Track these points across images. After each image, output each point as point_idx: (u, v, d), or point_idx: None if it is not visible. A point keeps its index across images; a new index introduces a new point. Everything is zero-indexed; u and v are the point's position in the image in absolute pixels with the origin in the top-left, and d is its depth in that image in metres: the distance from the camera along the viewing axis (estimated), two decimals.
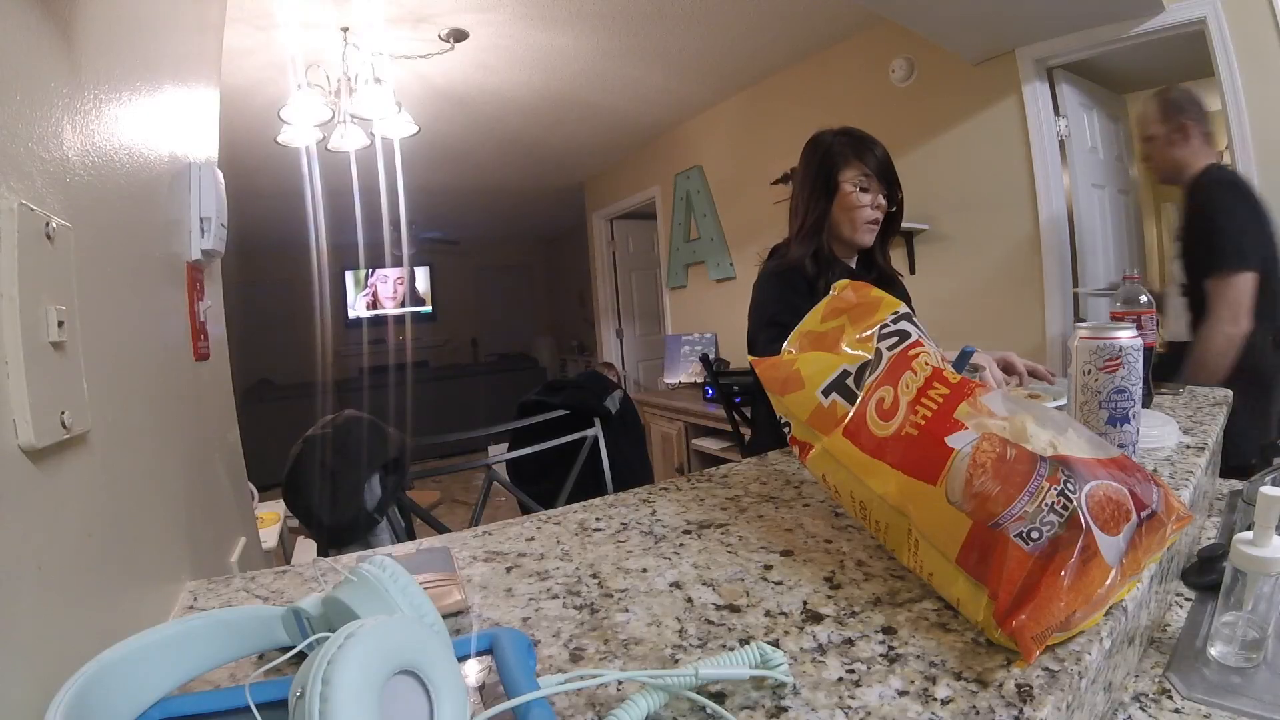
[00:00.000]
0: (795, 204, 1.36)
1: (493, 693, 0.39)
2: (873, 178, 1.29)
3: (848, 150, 1.30)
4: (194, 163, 0.90)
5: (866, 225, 1.30)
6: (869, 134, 1.33)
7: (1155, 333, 1.03)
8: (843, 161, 1.30)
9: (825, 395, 0.57)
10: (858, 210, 1.29)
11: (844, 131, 1.34)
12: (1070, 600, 0.40)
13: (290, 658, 0.42)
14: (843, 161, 1.30)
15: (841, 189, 1.29)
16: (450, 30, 2.63)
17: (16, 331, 0.37)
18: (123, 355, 0.56)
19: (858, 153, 1.30)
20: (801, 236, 1.31)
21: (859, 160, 1.29)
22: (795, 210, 1.36)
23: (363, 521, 1.20)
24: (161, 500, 0.63)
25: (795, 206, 1.36)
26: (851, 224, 1.30)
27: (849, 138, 1.32)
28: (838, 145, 1.31)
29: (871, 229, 1.31)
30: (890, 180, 1.31)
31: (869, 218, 1.30)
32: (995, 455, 0.46)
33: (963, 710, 0.35)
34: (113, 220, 0.58)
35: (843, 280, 0.67)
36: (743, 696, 0.38)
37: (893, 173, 1.32)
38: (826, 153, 1.31)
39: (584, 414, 1.39)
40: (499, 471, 1.25)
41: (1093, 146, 2.72)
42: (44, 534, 0.38)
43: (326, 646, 0.28)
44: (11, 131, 0.39)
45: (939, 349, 0.62)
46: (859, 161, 1.29)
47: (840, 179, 1.29)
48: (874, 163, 1.29)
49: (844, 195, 1.29)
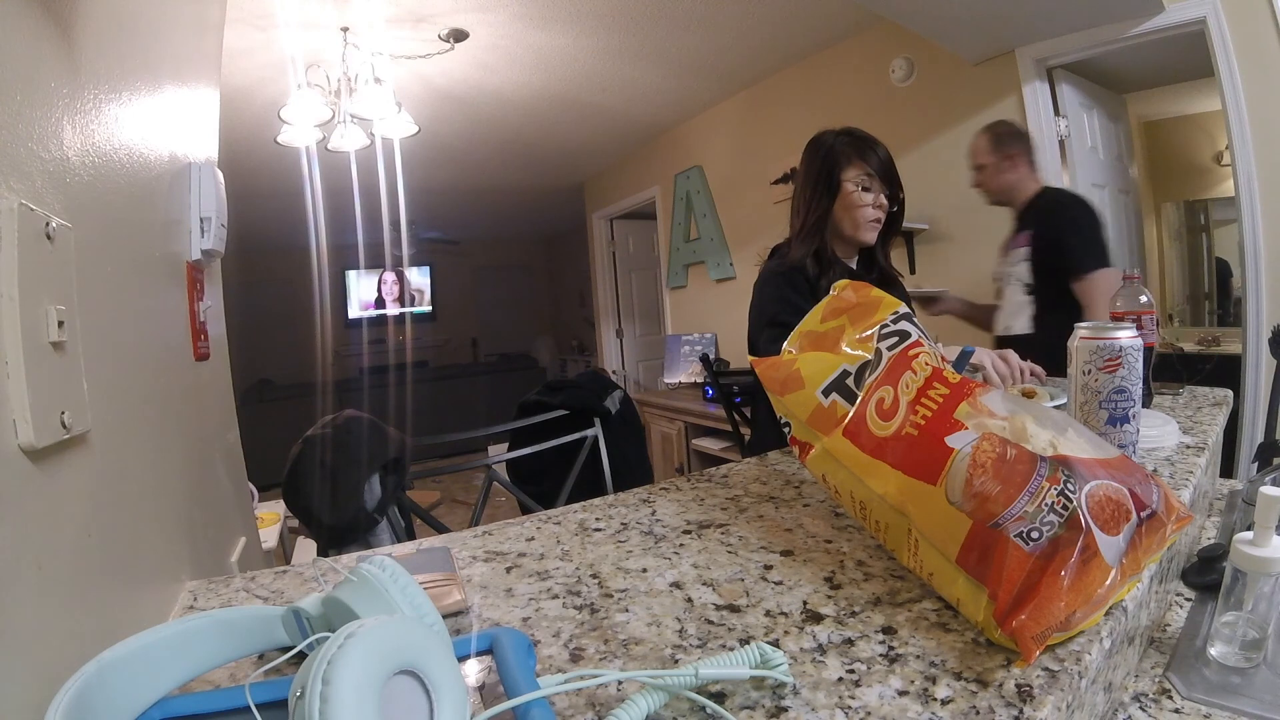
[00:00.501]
0: (796, 204, 1.36)
1: (493, 693, 0.39)
2: (875, 177, 1.29)
3: (850, 150, 1.30)
4: (194, 163, 0.90)
5: (869, 224, 1.31)
6: (871, 134, 1.34)
7: (1155, 333, 1.03)
8: (845, 161, 1.30)
9: (825, 395, 0.57)
10: (859, 209, 1.29)
11: (846, 131, 1.34)
12: (1070, 600, 0.40)
13: (290, 658, 0.42)
14: (845, 161, 1.30)
15: (844, 188, 1.29)
16: (450, 30, 2.63)
17: (16, 331, 0.37)
18: (123, 355, 0.56)
19: (860, 152, 1.30)
20: (803, 236, 1.31)
21: (861, 160, 1.30)
22: (796, 210, 1.36)
23: (363, 521, 1.19)
24: (161, 500, 0.63)
25: (796, 206, 1.36)
26: (853, 222, 1.30)
27: (851, 137, 1.32)
28: (840, 145, 1.31)
29: (874, 227, 1.32)
30: (892, 180, 1.32)
31: (871, 217, 1.30)
32: (995, 455, 0.46)
33: (963, 710, 0.35)
34: (113, 220, 0.58)
35: (843, 280, 0.67)
36: (743, 696, 0.38)
37: (894, 173, 1.32)
38: (829, 152, 1.31)
39: (584, 414, 1.39)
40: (499, 471, 1.25)
41: (1093, 146, 2.72)
42: (44, 534, 0.38)
43: (326, 646, 0.28)
44: (11, 131, 0.39)
45: (939, 347, 0.62)
46: (861, 161, 1.30)
47: (842, 178, 1.30)
48: (876, 162, 1.30)
49: (846, 194, 1.29)
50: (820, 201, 1.31)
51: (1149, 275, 3.52)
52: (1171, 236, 3.66)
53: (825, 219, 1.31)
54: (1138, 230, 3.18)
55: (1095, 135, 2.74)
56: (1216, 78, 2.06)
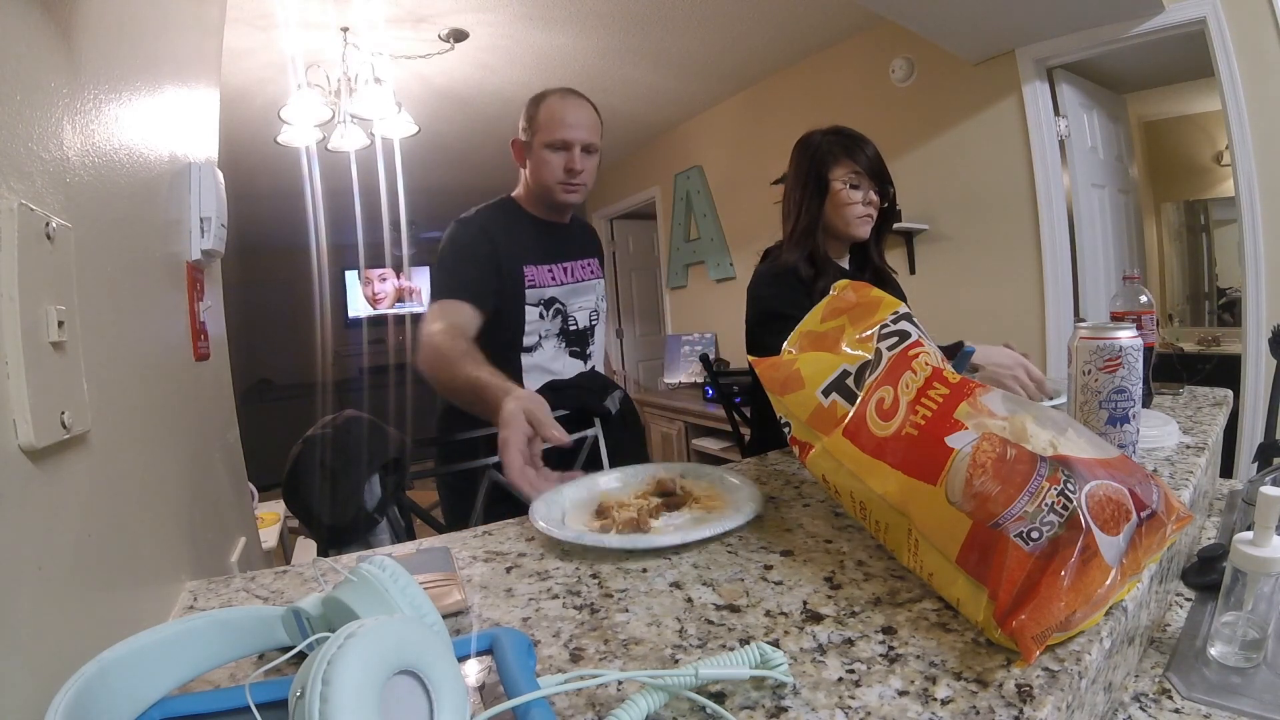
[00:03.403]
0: (787, 206, 1.36)
1: (493, 693, 0.39)
2: (863, 175, 1.30)
3: (837, 149, 1.31)
4: (194, 163, 0.90)
5: (860, 220, 1.31)
6: (858, 132, 1.34)
7: (1155, 333, 1.03)
8: (832, 160, 1.30)
9: (825, 395, 0.57)
10: (848, 208, 1.30)
11: (833, 130, 1.34)
12: (1070, 600, 0.40)
13: (290, 658, 0.42)
14: (832, 160, 1.30)
15: (832, 187, 1.30)
16: (450, 30, 2.63)
17: (16, 331, 0.37)
18: (123, 355, 0.56)
19: (848, 151, 1.30)
20: (796, 239, 1.32)
21: (849, 158, 1.30)
22: (788, 212, 1.36)
23: (363, 521, 1.19)
24: (161, 500, 0.63)
25: (787, 208, 1.36)
26: (844, 220, 1.31)
27: (838, 136, 1.33)
28: (827, 144, 1.32)
29: (866, 222, 1.32)
30: (881, 176, 1.32)
31: (861, 214, 1.31)
32: (995, 455, 0.46)
33: (963, 710, 0.35)
34: (113, 220, 0.58)
35: (843, 280, 0.67)
36: (743, 696, 0.38)
37: (884, 169, 1.32)
38: (816, 152, 1.32)
39: (584, 414, 1.39)
40: (499, 472, 1.24)
41: (1093, 146, 2.72)
42: (44, 534, 0.38)
43: (326, 646, 0.28)
44: (11, 131, 0.39)
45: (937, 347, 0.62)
46: (849, 159, 1.30)
47: (830, 177, 1.30)
48: (864, 160, 1.30)
49: (835, 193, 1.30)
50: (810, 202, 1.31)
51: (1149, 275, 3.52)
52: (1171, 236, 3.66)
53: (817, 220, 1.31)
54: (1138, 230, 3.18)
55: (1095, 135, 2.74)
56: (1216, 78, 2.06)
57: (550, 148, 1.31)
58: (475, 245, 1.28)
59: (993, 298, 2.68)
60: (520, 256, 1.31)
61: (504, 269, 1.29)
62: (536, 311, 1.35)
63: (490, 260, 1.28)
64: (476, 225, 1.33)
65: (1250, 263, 2.07)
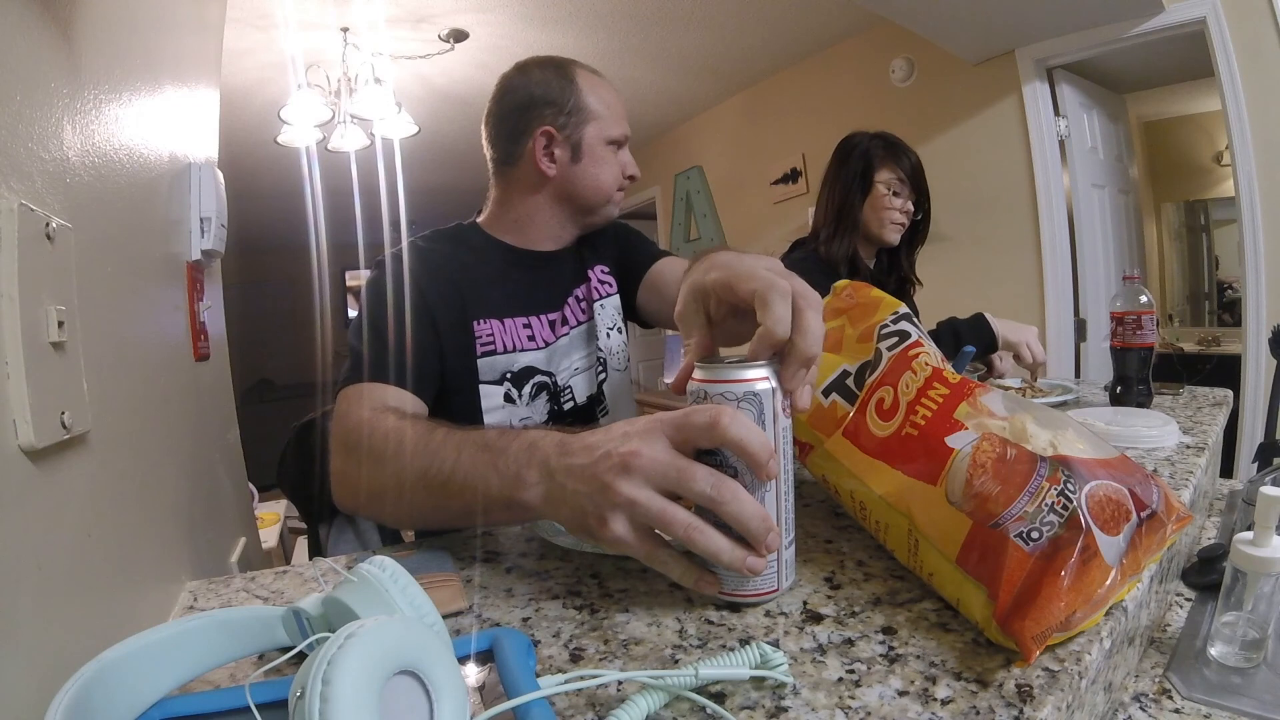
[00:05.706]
0: (824, 202, 1.39)
1: (493, 693, 0.39)
2: (906, 183, 1.34)
3: (884, 153, 1.35)
4: (194, 163, 0.90)
5: (893, 225, 1.35)
6: (904, 141, 1.38)
7: (1155, 333, 1.03)
8: (879, 163, 1.34)
9: (825, 395, 0.57)
10: (886, 211, 1.34)
11: (880, 135, 1.39)
12: (1070, 600, 0.40)
13: (290, 658, 0.42)
14: (879, 163, 1.34)
15: (876, 190, 1.34)
16: (450, 30, 2.63)
17: (16, 331, 0.37)
18: (123, 355, 0.56)
19: (894, 156, 1.35)
20: (837, 235, 1.35)
21: (895, 164, 1.34)
22: (826, 208, 1.39)
23: None
24: (161, 500, 0.63)
25: (825, 204, 1.39)
26: (879, 221, 1.35)
27: (885, 141, 1.38)
28: (874, 147, 1.36)
29: (898, 229, 1.36)
30: (920, 188, 1.36)
31: (897, 219, 1.35)
32: (995, 455, 0.46)
33: (963, 710, 0.35)
34: (113, 220, 0.58)
35: (842, 280, 0.67)
36: (743, 696, 0.38)
37: (923, 181, 1.37)
38: (864, 153, 1.36)
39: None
40: None
41: (1093, 146, 2.72)
42: (44, 534, 0.38)
43: (326, 647, 0.28)
44: (11, 131, 0.39)
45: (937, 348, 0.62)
46: (895, 165, 1.34)
47: (876, 179, 1.33)
48: (908, 167, 1.35)
49: (877, 195, 1.34)
50: (852, 199, 1.35)
51: (1149, 275, 3.52)
52: (1171, 236, 3.67)
53: (858, 219, 1.35)
54: (1138, 230, 3.18)
55: (1095, 135, 2.74)
56: (1216, 78, 2.06)
57: (614, 144, 0.98)
58: (406, 296, 0.83)
59: (993, 298, 2.68)
60: (476, 307, 0.87)
61: (441, 328, 0.84)
62: (500, 393, 0.88)
63: (423, 316, 0.83)
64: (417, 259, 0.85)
65: (1250, 263, 2.07)
